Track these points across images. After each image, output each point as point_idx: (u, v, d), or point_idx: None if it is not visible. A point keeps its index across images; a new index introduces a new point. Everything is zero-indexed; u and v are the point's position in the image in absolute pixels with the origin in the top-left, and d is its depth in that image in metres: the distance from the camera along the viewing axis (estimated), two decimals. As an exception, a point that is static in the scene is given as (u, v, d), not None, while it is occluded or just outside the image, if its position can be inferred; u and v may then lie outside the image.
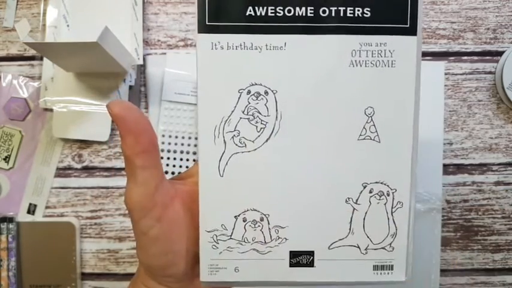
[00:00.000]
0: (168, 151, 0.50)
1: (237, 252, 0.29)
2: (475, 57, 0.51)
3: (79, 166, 0.52)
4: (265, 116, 0.28)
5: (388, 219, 0.29)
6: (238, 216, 0.29)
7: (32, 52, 0.51)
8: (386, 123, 0.28)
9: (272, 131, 0.28)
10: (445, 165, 0.51)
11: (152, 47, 0.51)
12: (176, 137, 0.50)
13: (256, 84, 0.28)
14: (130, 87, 0.50)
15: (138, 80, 0.51)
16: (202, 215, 0.28)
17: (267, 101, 0.28)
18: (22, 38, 0.40)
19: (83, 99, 0.50)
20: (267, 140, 0.28)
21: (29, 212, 0.51)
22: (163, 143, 0.50)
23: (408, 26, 0.27)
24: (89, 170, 0.52)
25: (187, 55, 0.51)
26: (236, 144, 0.28)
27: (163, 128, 0.50)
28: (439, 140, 0.50)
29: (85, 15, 0.50)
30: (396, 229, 0.29)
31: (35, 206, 0.51)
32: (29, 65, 0.52)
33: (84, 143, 0.52)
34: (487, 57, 0.51)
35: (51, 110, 0.50)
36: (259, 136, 0.28)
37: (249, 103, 0.28)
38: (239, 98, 0.28)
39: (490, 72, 0.51)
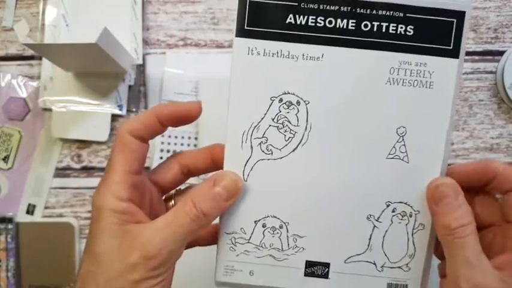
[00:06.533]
0: (168, 151, 0.50)
1: (253, 256, 0.29)
2: (476, 57, 0.50)
3: (78, 166, 0.52)
4: (294, 125, 0.28)
5: (408, 239, 0.29)
6: (258, 221, 0.29)
7: (31, 52, 0.50)
8: (417, 145, 0.27)
9: (300, 141, 0.28)
10: (445, 166, 0.50)
11: (152, 47, 0.51)
12: (176, 137, 0.50)
13: (289, 93, 0.28)
14: (130, 87, 0.50)
15: (137, 79, 0.51)
16: (223, 217, 0.29)
17: (298, 111, 0.28)
18: (21, 39, 0.40)
19: (82, 99, 0.50)
20: (294, 150, 0.28)
21: (28, 212, 0.51)
22: (162, 143, 0.50)
23: (451, 48, 0.26)
24: (88, 170, 0.52)
25: (187, 55, 0.51)
26: (263, 151, 0.28)
27: (163, 128, 0.50)
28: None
29: (84, 14, 0.50)
30: (415, 250, 0.29)
31: (34, 206, 0.51)
32: (28, 64, 0.51)
33: (83, 143, 0.51)
34: (488, 57, 0.50)
35: (50, 109, 0.50)
36: (286, 145, 0.28)
37: (280, 111, 0.28)
38: (270, 105, 0.28)
39: (491, 72, 0.50)
